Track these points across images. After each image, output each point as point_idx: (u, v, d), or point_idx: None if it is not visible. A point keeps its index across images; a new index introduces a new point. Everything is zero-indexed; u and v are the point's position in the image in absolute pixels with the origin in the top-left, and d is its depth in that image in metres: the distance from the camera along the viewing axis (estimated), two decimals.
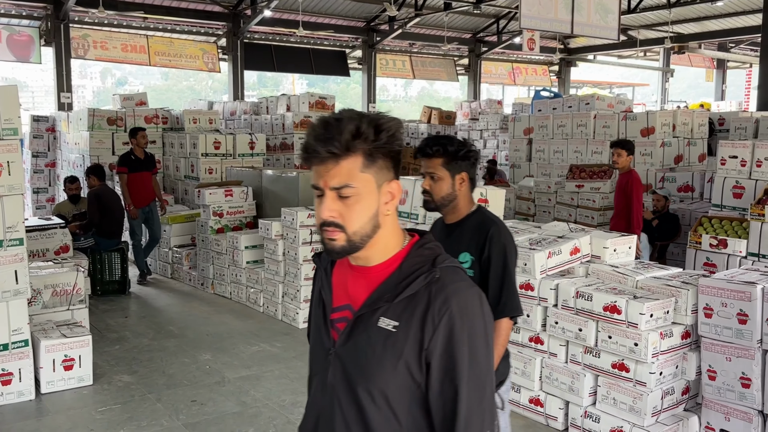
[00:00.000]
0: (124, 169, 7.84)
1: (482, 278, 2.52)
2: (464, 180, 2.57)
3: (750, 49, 23.10)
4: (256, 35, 17.38)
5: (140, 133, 7.97)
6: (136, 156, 7.93)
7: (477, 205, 2.66)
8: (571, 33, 10.79)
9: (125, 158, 7.94)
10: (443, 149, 2.54)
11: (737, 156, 6.17)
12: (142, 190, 7.89)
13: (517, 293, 2.56)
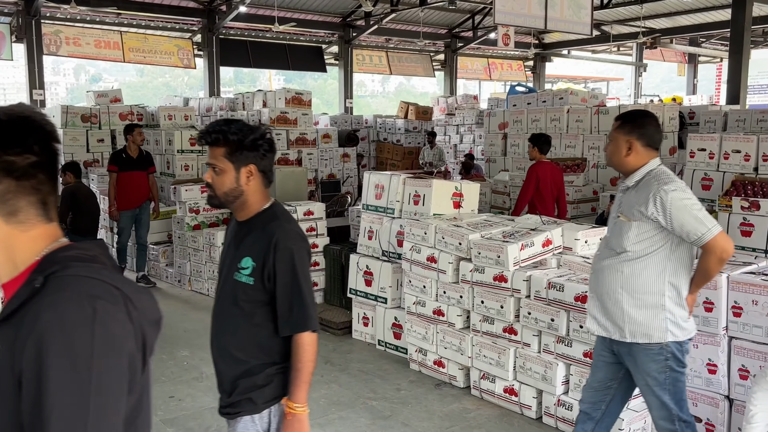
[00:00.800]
0: (113, 168, 7.50)
1: (266, 289, 2.22)
2: (252, 173, 2.23)
3: (720, 43, 23.49)
4: (231, 31, 17.28)
5: (137, 129, 7.57)
6: (128, 154, 7.53)
7: (271, 201, 2.33)
8: (544, 28, 10.90)
9: (116, 156, 7.60)
10: (224, 137, 2.19)
11: (706, 149, 6.32)
12: (133, 190, 7.51)
13: (310, 305, 2.22)
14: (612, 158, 3.04)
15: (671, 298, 2.88)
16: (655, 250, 2.88)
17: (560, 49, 23.24)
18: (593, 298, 3.07)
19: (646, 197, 2.85)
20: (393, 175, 5.68)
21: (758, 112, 9.43)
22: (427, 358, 4.93)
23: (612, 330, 2.97)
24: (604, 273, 2.99)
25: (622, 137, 2.99)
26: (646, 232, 2.87)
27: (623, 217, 2.94)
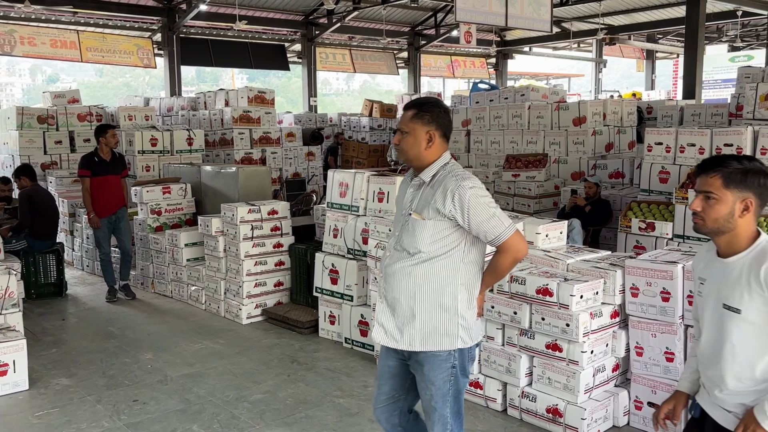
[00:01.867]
0: (85, 173, 6.88)
1: None
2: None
3: (677, 40, 24.02)
4: (192, 30, 17.08)
5: (110, 131, 6.95)
6: (101, 157, 6.93)
7: None
8: (505, 25, 11.02)
9: (87, 160, 6.94)
10: None
11: (662, 143, 6.46)
12: (108, 195, 6.95)
13: None
14: (409, 151, 2.73)
15: (464, 301, 2.71)
16: (449, 250, 2.68)
17: (522, 46, 23.51)
18: (383, 305, 2.81)
19: (443, 193, 2.63)
20: (357, 172, 5.69)
21: (712, 106, 9.70)
22: None
23: (401, 338, 2.74)
24: (396, 277, 2.74)
25: (421, 128, 2.70)
26: (441, 231, 2.66)
27: (417, 215, 2.69)
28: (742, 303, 2.17)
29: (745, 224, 2.18)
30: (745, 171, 2.17)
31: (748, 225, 2.19)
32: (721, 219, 2.18)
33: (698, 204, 2.22)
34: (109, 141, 6.94)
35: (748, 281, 2.14)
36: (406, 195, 2.82)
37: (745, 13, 18.20)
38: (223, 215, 6.34)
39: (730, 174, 2.18)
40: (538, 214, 8.00)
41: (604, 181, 7.92)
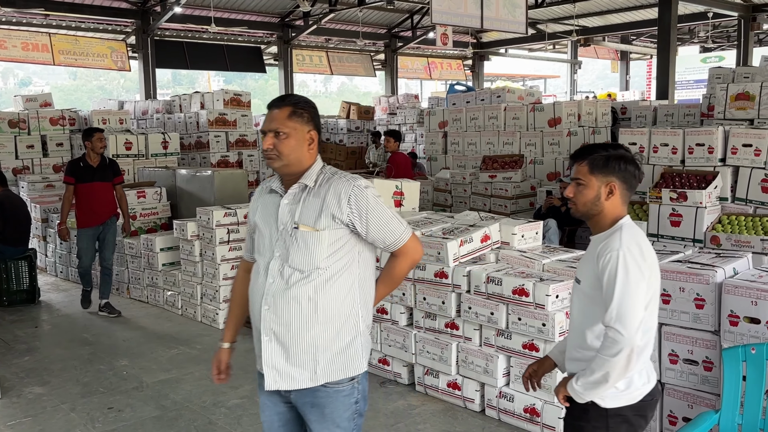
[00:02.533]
0: (69, 179, 6.48)
1: None
2: None
3: (650, 41, 24.33)
4: (167, 32, 16.92)
5: (96, 134, 6.53)
6: (88, 163, 6.51)
7: None
8: (481, 27, 11.08)
9: (73, 166, 6.55)
10: None
11: (636, 143, 6.53)
12: (95, 204, 6.50)
13: None
14: (290, 156, 2.32)
15: (364, 318, 2.39)
16: (347, 261, 2.34)
17: (498, 48, 23.65)
18: (270, 343, 2.34)
19: (336, 197, 2.29)
20: None
21: (685, 106, 9.83)
22: (371, 356, 4.95)
23: (299, 376, 2.32)
24: (287, 304, 2.30)
25: (302, 127, 2.34)
26: (338, 241, 2.31)
27: (307, 227, 2.29)
28: (581, 275, 2.40)
29: (610, 207, 2.34)
30: (608, 157, 2.33)
31: (613, 208, 2.35)
32: (588, 203, 2.35)
33: (571, 190, 2.39)
34: (95, 145, 6.51)
35: (593, 256, 2.33)
36: (281, 209, 2.36)
37: (716, 14, 18.50)
38: (199, 219, 6.29)
39: (594, 161, 2.34)
40: (515, 214, 8.04)
41: None
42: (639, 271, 2.20)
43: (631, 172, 2.33)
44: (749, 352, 2.97)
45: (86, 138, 6.56)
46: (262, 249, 2.43)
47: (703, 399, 3.63)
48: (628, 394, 2.26)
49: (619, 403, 2.25)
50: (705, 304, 3.58)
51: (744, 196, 5.89)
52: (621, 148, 2.38)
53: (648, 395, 2.30)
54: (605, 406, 2.25)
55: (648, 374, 2.31)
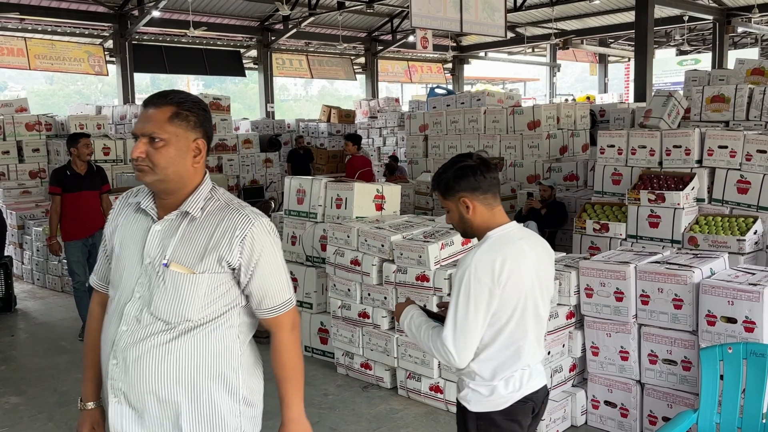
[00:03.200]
0: (55, 189, 5.99)
1: None
2: None
3: (627, 44, 24.59)
4: (145, 36, 16.79)
5: (82, 140, 6.04)
6: (74, 171, 6.03)
7: None
8: (460, 31, 11.12)
9: (58, 174, 6.05)
10: None
11: (614, 145, 6.59)
12: (83, 215, 5.99)
13: None
14: (167, 169, 1.82)
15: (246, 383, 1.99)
16: (225, 312, 1.89)
17: (477, 51, 23.79)
18: (122, 407, 1.86)
19: (227, 234, 1.83)
20: (314, 179, 5.67)
21: None
22: (354, 361, 4.94)
23: None
24: (146, 362, 1.81)
25: (186, 134, 1.85)
26: (218, 288, 1.85)
27: (180, 268, 1.81)
28: None
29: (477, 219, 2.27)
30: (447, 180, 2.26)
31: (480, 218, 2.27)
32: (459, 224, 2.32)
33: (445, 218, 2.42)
34: (81, 152, 6.03)
35: None
36: (149, 237, 1.86)
37: (692, 18, 18.76)
38: None
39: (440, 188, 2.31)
40: None
41: (558, 183, 8.04)
42: (482, 291, 2.13)
43: (472, 179, 2.22)
44: (726, 352, 3.01)
45: (71, 144, 6.08)
46: (117, 283, 1.90)
47: (682, 398, 3.66)
48: (493, 400, 2.23)
49: (484, 408, 2.23)
50: (683, 305, 3.62)
51: (720, 197, 5.96)
52: (462, 160, 2.28)
53: (519, 401, 2.24)
54: (471, 410, 2.25)
55: (520, 381, 2.24)
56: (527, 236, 2.30)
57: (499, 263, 2.14)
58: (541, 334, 2.33)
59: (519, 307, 2.20)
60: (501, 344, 2.20)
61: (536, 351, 2.29)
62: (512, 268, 2.15)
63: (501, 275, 2.13)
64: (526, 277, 2.20)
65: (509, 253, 2.17)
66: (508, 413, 2.23)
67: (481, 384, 2.22)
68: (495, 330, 2.18)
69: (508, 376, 2.22)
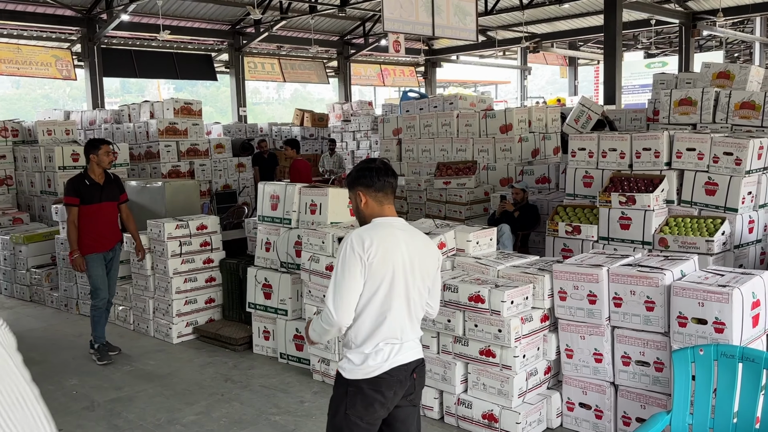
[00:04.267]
0: (73, 200, 5.46)
1: None
2: None
3: (597, 47, 24.94)
4: (114, 40, 16.58)
5: (103, 147, 5.57)
6: (92, 180, 5.54)
7: None
8: (432, 35, 11.17)
9: (75, 184, 5.50)
10: None
11: (585, 148, 6.66)
12: (103, 227, 5.56)
13: None
14: None
15: None
16: None
17: (449, 55, 23.92)
18: None
19: None
20: (288, 184, 5.63)
21: (632, 111, 10.11)
22: (329, 367, 4.91)
23: None
24: None
25: None
26: None
27: None
28: None
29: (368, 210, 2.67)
30: (350, 177, 2.73)
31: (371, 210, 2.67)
32: (356, 212, 2.76)
33: None
34: (102, 160, 5.54)
35: None
36: None
37: (659, 21, 19.09)
38: (150, 232, 6.15)
39: (347, 182, 2.79)
40: (470, 220, 8.12)
41: (531, 186, 8.10)
42: (355, 259, 2.49)
43: (368, 180, 2.64)
44: (698, 354, 3.05)
45: (91, 150, 5.57)
46: None
47: (655, 399, 3.71)
48: (363, 369, 2.54)
49: (355, 376, 2.55)
50: (655, 307, 3.67)
51: (689, 198, 6.07)
52: (367, 163, 2.71)
53: (384, 373, 2.54)
54: (345, 377, 2.58)
55: (389, 355, 2.56)
56: (409, 230, 2.70)
57: (370, 240, 2.52)
58: (415, 315, 2.66)
59: (386, 283, 2.54)
60: (370, 313, 2.54)
61: (407, 328, 2.62)
62: (382, 246, 2.52)
63: (371, 249, 2.50)
64: (397, 259, 2.55)
65: (383, 235, 2.56)
66: (374, 383, 2.54)
67: (355, 352, 2.57)
68: (365, 299, 2.53)
69: (378, 349, 2.55)
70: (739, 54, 27.66)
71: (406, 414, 2.69)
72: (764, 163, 6.07)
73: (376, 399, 2.55)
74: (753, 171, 5.89)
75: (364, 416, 2.57)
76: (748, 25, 22.77)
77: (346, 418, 2.58)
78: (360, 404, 2.55)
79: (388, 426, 2.68)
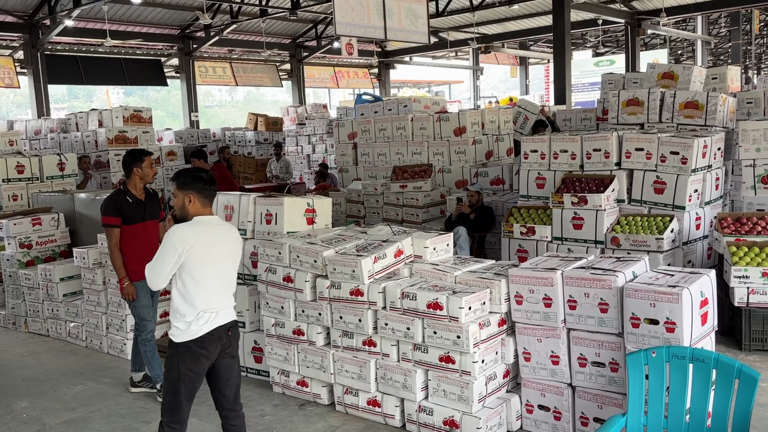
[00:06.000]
0: (114, 220, 4.83)
1: None
2: None
3: (547, 46, 25.36)
4: (59, 46, 16.13)
5: (146, 159, 4.92)
6: (134, 197, 4.91)
7: None
8: (384, 38, 11.18)
9: (117, 201, 4.86)
10: None
11: (537, 150, 6.77)
12: (148, 249, 4.57)
13: None
14: None
15: None
16: None
17: (402, 56, 24.00)
18: None
19: None
20: (242, 195, 5.56)
21: (581, 111, 10.29)
22: (289, 379, 4.87)
23: None
24: None
25: None
26: None
27: None
28: None
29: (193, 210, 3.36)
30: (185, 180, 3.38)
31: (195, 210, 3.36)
32: (180, 208, 3.39)
33: (173, 201, 3.47)
34: (147, 173, 4.92)
35: None
36: None
37: (605, 21, 19.52)
38: (101, 246, 5.99)
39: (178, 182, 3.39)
40: (427, 222, 8.16)
41: (485, 188, 8.19)
42: (173, 246, 3.19)
43: (202, 187, 3.36)
44: (650, 356, 3.13)
45: (134, 163, 4.88)
46: None
47: (611, 399, 3.79)
48: (188, 333, 3.25)
49: (183, 339, 3.25)
50: (609, 308, 3.75)
51: (639, 197, 6.22)
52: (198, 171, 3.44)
53: (207, 334, 3.27)
54: (175, 341, 3.27)
55: (207, 320, 3.27)
56: (224, 225, 3.47)
57: (189, 233, 3.25)
58: (229, 289, 3.44)
59: (203, 266, 3.26)
60: (191, 289, 3.25)
61: (224, 299, 3.38)
62: (198, 238, 3.25)
63: (188, 241, 3.22)
64: (212, 247, 3.30)
65: (200, 230, 3.30)
66: (199, 342, 3.26)
67: (181, 320, 3.26)
68: (188, 279, 3.24)
69: (200, 316, 3.26)
70: (683, 51, 28.49)
71: (227, 364, 3.42)
72: (708, 161, 6.27)
73: (202, 353, 3.27)
74: (698, 169, 6.08)
75: (193, 368, 3.28)
76: (691, 23, 23.49)
77: (179, 372, 3.26)
78: (189, 359, 3.26)
79: (215, 375, 3.40)
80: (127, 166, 4.93)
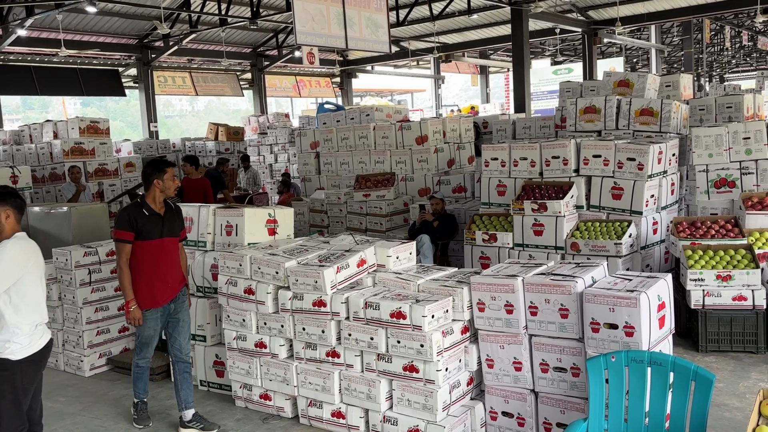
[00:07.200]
0: (126, 235, 4.36)
1: None
2: None
3: (506, 55, 25.69)
4: (11, 56, 15.74)
5: (169, 170, 4.49)
6: (152, 210, 4.45)
7: None
8: (345, 48, 11.19)
9: (132, 214, 4.39)
10: None
11: (498, 157, 6.84)
12: (166, 269, 4.44)
13: None
14: None
15: None
16: None
17: (364, 65, 24.05)
18: None
19: None
20: (201, 206, 5.48)
21: (541, 119, 10.45)
22: (252, 393, 4.80)
23: None
24: None
25: None
26: None
27: None
28: None
29: (9, 226, 3.39)
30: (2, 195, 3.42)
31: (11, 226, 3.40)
32: None
33: None
34: (168, 186, 4.47)
35: None
36: None
37: (563, 30, 19.88)
38: (56, 261, 5.84)
39: None
40: (391, 231, 8.16)
41: (448, 196, 8.23)
42: (14, 265, 3.29)
43: (19, 204, 3.45)
44: (610, 361, 3.17)
45: (156, 174, 4.44)
46: None
47: (573, 404, 3.82)
48: (30, 346, 3.36)
49: (25, 354, 3.34)
50: (569, 314, 3.79)
51: (597, 203, 6.33)
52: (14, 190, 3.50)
53: (44, 347, 3.45)
54: (16, 359, 3.30)
55: (41, 336, 3.43)
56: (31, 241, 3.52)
57: (27, 250, 3.40)
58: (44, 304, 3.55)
59: (33, 280, 3.40)
60: (29, 303, 3.37)
61: (46, 311, 3.51)
62: (32, 255, 3.42)
63: (29, 258, 3.38)
64: (38, 263, 3.47)
65: (30, 247, 3.45)
66: (40, 354, 3.42)
67: (22, 336, 3.33)
68: (25, 295, 3.34)
69: (34, 330, 3.39)
70: (638, 59, 29.19)
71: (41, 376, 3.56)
72: (664, 167, 6.41)
73: (42, 363, 3.46)
74: (654, 175, 6.21)
75: (34, 381, 3.43)
76: (645, 32, 24.08)
77: (15, 391, 3.32)
78: (33, 373, 3.40)
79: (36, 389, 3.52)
80: (146, 177, 4.47)
